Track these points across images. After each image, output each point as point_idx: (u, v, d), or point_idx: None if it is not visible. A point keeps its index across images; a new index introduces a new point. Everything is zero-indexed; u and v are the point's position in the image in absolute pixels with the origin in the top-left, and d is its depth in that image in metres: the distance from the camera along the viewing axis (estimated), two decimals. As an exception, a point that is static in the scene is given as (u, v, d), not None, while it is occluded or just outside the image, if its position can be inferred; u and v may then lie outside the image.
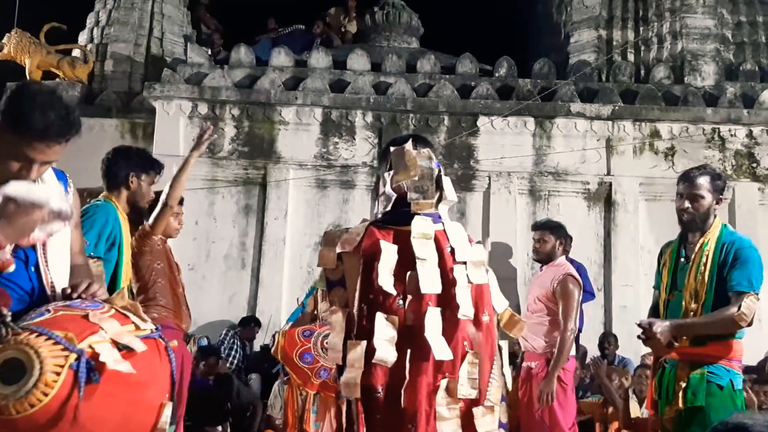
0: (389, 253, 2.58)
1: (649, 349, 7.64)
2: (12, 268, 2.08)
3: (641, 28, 9.91)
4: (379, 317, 2.52)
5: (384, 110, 8.93)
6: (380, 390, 2.51)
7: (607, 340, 7.76)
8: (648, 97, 8.98)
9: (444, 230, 2.69)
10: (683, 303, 3.42)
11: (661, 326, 3.24)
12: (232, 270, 8.73)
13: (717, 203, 3.50)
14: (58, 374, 1.81)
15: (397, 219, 2.68)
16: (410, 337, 2.54)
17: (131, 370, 1.88)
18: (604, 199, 8.87)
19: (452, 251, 2.66)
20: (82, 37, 10.03)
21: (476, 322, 2.65)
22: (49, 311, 1.97)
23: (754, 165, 8.95)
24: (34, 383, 1.79)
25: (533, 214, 8.75)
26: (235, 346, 7.88)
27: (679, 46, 9.55)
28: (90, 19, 10.12)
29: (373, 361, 2.49)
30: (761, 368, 7.55)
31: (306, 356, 4.75)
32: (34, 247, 2.14)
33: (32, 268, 2.16)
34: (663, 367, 3.51)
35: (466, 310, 2.59)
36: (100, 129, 9.00)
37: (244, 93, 8.95)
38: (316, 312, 5.51)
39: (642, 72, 9.68)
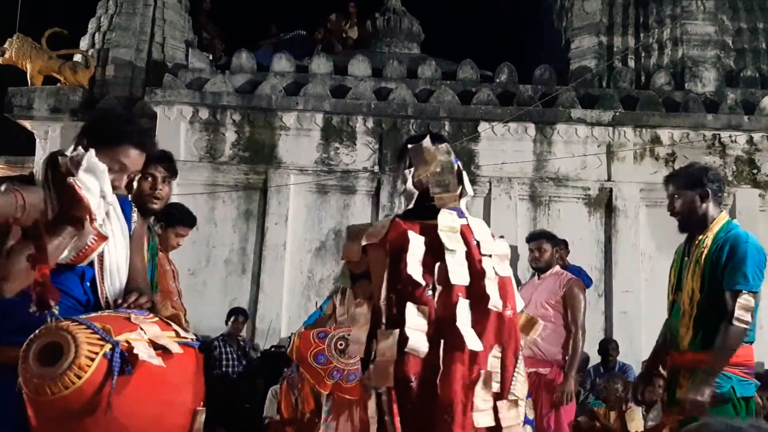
0: (417, 243, 2.59)
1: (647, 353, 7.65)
2: (102, 245, 2.25)
3: (642, 35, 9.94)
4: (410, 307, 2.52)
5: (385, 116, 8.95)
6: (413, 379, 2.50)
7: (611, 345, 7.73)
8: (649, 103, 9.00)
9: (468, 224, 2.72)
10: (681, 303, 3.31)
11: (695, 394, 3.04)
12: (232, 275, 8.72)
13: (705, 196, 3.32)
14: (92, 360, 1.90)
15: (422, 213, 2.69)
16: (442, 327, 2.54)
17: (162, 364, 1.99)
18: (605, 204, 8.88)
19: (478, 244, 2.68)
20: (84, 43, 10.04)
21: (499, 315, 2.65)
22: (96, 313, 2.13)
23: (755, 171, 8.96)
24: (68, 365, 1.87)
25: (534, 220, 8.76)
26: (225, 353, 7.64)
27: (680, 53, 9.57)
28: (91, 25, 10.13)
29: (405, 350, 2.49)
30: (763, 375, 7.52)
31: (320, 357, 4.80)
32: (91, 264, 2.31)
33: (88, 283, 2.31)
34: (672, 374, 3.39)
35: (495, 301, 2.61)
36: (101, 134, 8.99)
37: (246, 98, 8.96)
38: (334, 315, 5.57)
39: (642, 78, 9.69)
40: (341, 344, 4.79)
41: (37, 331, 1.95)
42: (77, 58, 9.81)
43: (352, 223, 8.75)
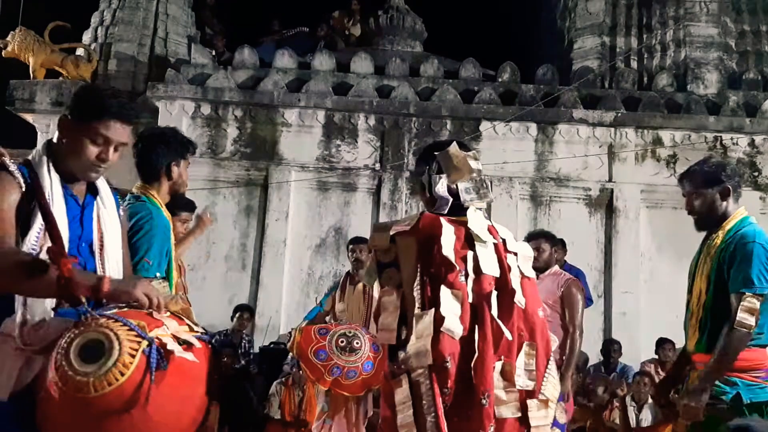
0: (449, 229, 2.64)
1: (649, 356, 7.67)
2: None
3: (645, 36, 9.93)
4: (444, 290, 2.55)
5: (387, 114, 8.95)
6: (448, 360, 2.51)
7: (613, 347, 7.71)
8: (650, 104, 8.99)
9: (493, 225, 2.79)
10: (691, 304, 3.20)
11: (689, 400, 2.96)
12: (232, 271, 8.73)
13: (725, 193, 3.18)
14: (133, 357, 1.92)
15: (450, 212, 2.74)
16: (475, 315, 2.58)
17: (195, 359, 2.03)
18: (606, 205, 8.88)
19: (504, 242, 2.74)
20: (86, 37, 10.04)
21: (529, 315, 2.68)
22: (115, 308, 2.11)
23: (756, 174, 8.95)
24: (113, 362, 1.90)
25: (534, 220, 8.76)
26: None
27: (683, 54, 9.57)
28: (94, 19, 10.13)
29: (441, 329, 2.51)
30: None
31: (320, 353, 4.82)
32: (93, 255, 2.32)
33: None
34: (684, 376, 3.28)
35: (520, 297, 2.65)
36: (102, 128, 9.00)
37: (247, 94, 8.96)
38: (333, 311, 5.62)
39: (645, 79, 9.69)
40: (342, 341, 4.80)
41: (74, 328, 1.95)
42: (80, 51, 9.81)
43: (353, 220, 8.81)
